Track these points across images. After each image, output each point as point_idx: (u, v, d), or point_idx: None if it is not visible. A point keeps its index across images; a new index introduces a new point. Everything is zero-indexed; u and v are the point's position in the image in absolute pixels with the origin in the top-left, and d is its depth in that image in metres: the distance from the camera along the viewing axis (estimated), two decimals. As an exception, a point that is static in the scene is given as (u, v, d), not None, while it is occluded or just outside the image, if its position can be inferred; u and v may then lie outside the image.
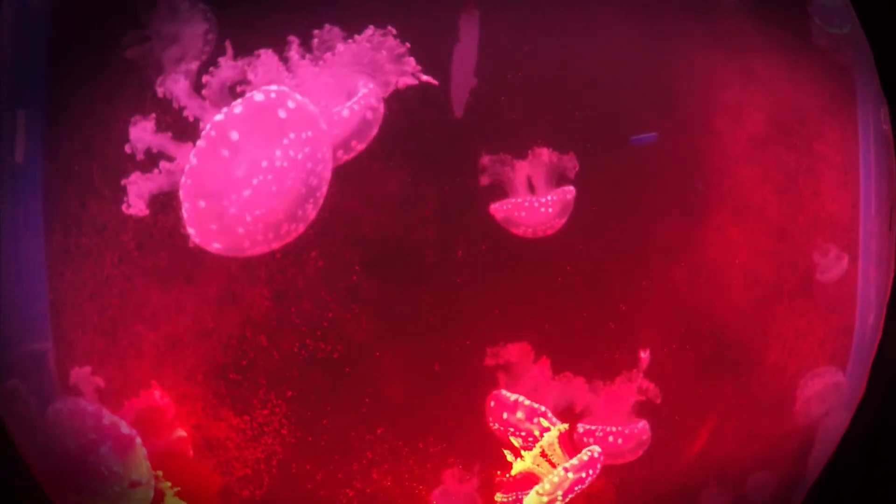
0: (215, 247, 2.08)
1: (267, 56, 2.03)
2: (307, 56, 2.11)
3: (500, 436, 2.50)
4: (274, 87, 1.98)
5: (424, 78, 2.19)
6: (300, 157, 2.04)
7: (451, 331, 2.47)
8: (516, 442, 2.46)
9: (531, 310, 2.52)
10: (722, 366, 2.66)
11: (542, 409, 2.47)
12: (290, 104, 1.99)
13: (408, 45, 2.18)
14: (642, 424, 2.57)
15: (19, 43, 2.47)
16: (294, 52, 2.09)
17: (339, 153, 2.18)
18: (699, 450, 2.68)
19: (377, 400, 2.45)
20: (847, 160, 2.76)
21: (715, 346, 2.63)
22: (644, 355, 2.53)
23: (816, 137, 2.70)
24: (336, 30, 2.15)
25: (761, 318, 2.66)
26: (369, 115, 2.16)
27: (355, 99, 2.15)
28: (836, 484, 2.75)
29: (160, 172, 2.03)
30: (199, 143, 1.95)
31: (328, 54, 2.11)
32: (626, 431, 2.55)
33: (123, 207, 2.09)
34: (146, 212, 2.09)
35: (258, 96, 1.95)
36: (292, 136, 2.01)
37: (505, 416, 2.49)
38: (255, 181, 1.99)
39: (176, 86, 2.03)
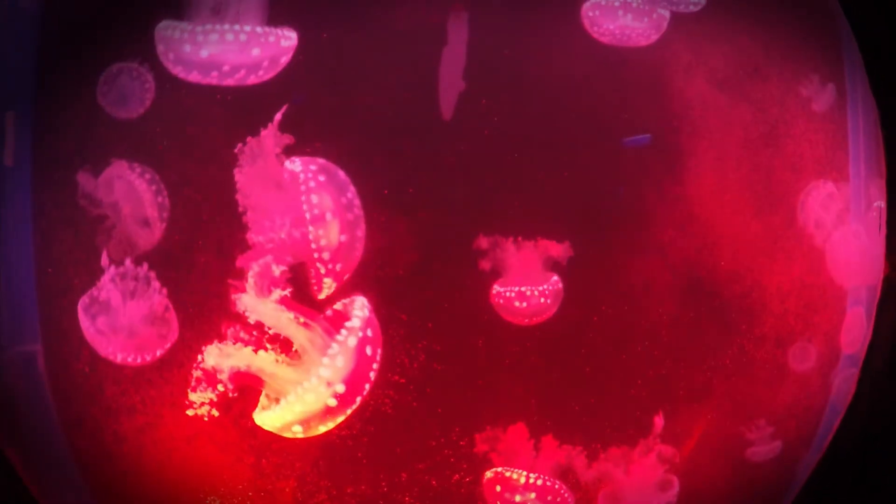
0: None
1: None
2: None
3: None
4: (357, 324, 2.08)
5: (279, 116, 2.14)
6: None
7: (446, 416, 2.48)
8: None
9: (528, 391, 2.53)
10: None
11: (557, 485, 2.46)
12: (370, 332, 2.13)
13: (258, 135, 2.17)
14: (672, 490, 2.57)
15: (8, 47, 2.48)
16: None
17: (348, 216, 2.21)
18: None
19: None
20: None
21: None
22: (658, 420, 2.53)
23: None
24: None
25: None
26: (322, 176, 2.17)
27: (301, 182, 2.16)
28: (827, 487, 2.76)
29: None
30: (308, 395, 2.06)
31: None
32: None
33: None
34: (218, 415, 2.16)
35: (352, 341, 2.06)
36: (375, 366, 2.17)
37: (518, 498, 2.46)
38: (349, 410, 2.15)
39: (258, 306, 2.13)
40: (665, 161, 2.58)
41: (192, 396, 2.14)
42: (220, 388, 2.12)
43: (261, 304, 2.10)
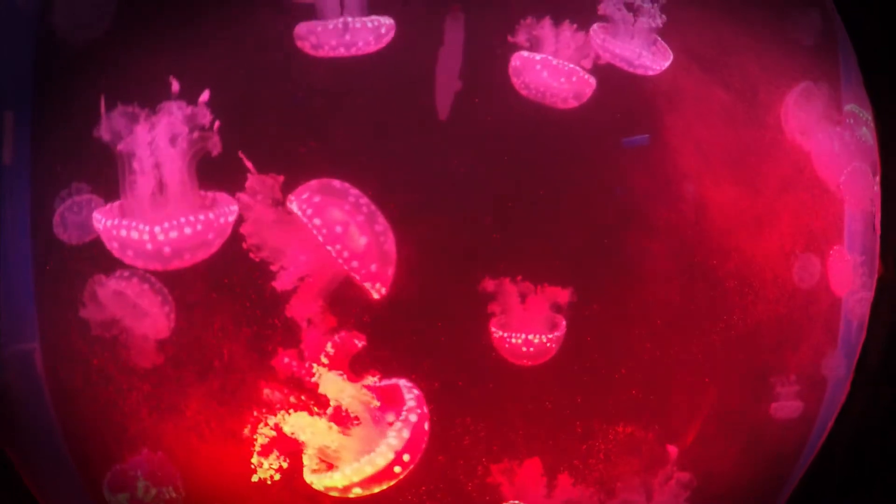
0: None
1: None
2: None
3: None
4: (413, 404, 2.22)
5: (250, 164, 2.17)
6: None
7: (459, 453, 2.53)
8: None
9: (537, 427, 2.58)
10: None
11: None
12: (425, 409, 2.26)
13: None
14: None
15: (6, 46, 2.49)
16: None
17: (359, 218, 2.22)
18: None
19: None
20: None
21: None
22: (671, 448, 2.58)
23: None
24: None
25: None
26: (317, 197, 2.20)
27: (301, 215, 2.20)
28: (819, 486, 2.77)
29: None
30: (377, 463, 2.15)
31: None
32: None
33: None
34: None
35: (413, 417, 2.20)
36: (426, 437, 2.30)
37: None
38: (404, 473, 2.24)
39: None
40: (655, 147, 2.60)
41: (260, 461, 2.18)
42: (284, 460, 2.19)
43: (349, 388, 2.18)
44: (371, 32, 2.37)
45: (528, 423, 2.59)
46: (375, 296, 2.20)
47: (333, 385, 2.18)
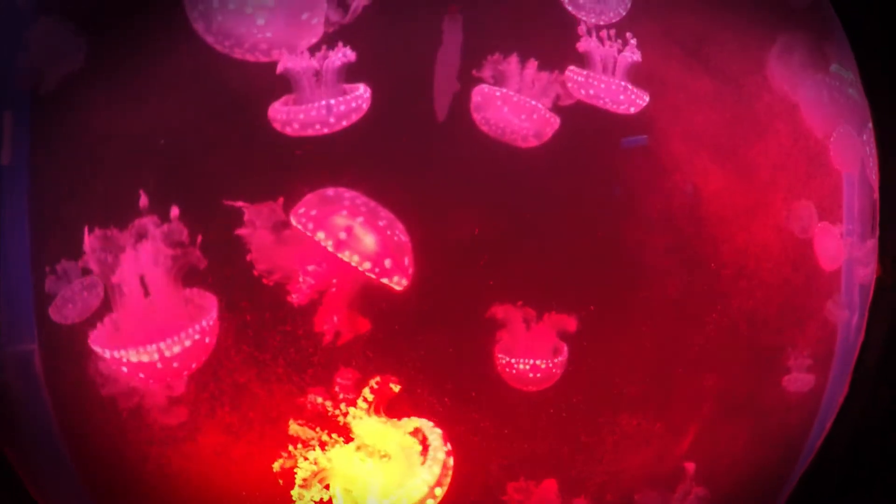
0: None
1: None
2: None
3: None
4: (440, 442, 2.31)
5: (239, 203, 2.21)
6: None
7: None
8: None
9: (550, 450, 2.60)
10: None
11: None
12: (449, 446, 2.34)
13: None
14: None
15: (6, 46, 2.49)
16: None
17: (359, 218, 2.23)
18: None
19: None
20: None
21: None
22: (689, 466, 2.60)
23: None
24: None
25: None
26: (314, 211, 2.22)
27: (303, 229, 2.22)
28: (819, 486, 2.77)
29: None
30: (413, 496, 2.23)
31: None
32: None
33: None
34: None
35: (441, 455, 2.29)
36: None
37: None
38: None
39: None
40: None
41: (301, 493, 2.22)
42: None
43: (394, 434, 2.24)
44: (355, 112, 2.35)
45: (532, 425, 2.60)
46: (397, 288, 2.20)
47: (376, 432, 2.22)
